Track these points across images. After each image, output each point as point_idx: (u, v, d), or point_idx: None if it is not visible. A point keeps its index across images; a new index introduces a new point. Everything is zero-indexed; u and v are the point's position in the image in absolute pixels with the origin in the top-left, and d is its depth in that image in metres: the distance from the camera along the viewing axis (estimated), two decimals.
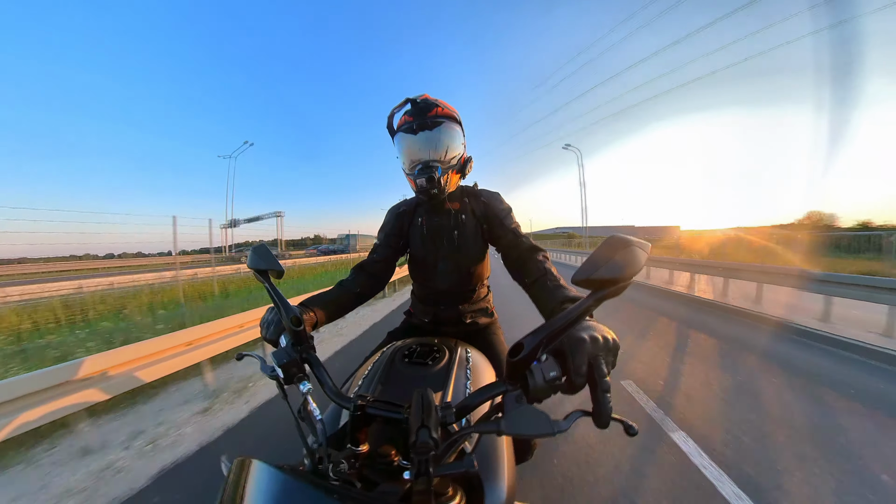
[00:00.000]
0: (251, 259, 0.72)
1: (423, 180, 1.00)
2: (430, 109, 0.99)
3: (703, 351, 3.68)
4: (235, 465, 0.48)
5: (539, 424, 0.45)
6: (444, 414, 0.54)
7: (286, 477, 0.45)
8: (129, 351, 2.41)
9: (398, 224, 1.21)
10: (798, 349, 3.74)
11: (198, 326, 3.03)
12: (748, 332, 4.41)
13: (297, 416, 0.63)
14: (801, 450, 1.94)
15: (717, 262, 7.26)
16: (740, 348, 3.74)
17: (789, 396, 2.61)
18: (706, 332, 4.36)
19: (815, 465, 1.82)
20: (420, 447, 0.47)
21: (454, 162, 1.06)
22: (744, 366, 3.23)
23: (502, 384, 0.53)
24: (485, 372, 0.95)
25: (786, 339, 4.08)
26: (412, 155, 1.03)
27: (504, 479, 0.64)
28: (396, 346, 1.02)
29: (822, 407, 2.45)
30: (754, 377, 2.96)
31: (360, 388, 0.85)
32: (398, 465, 0.58)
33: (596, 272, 0.44)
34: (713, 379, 2.91)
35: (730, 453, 1.90)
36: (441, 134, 1.00)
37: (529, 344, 0.48)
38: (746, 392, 2.67)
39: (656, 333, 4.37)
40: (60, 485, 1.88)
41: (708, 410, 2.39)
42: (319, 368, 0.69)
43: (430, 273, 1.21)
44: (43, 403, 1.96)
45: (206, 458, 2.08)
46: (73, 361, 2.14)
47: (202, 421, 2.53)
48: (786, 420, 2.27)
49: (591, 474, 1.76)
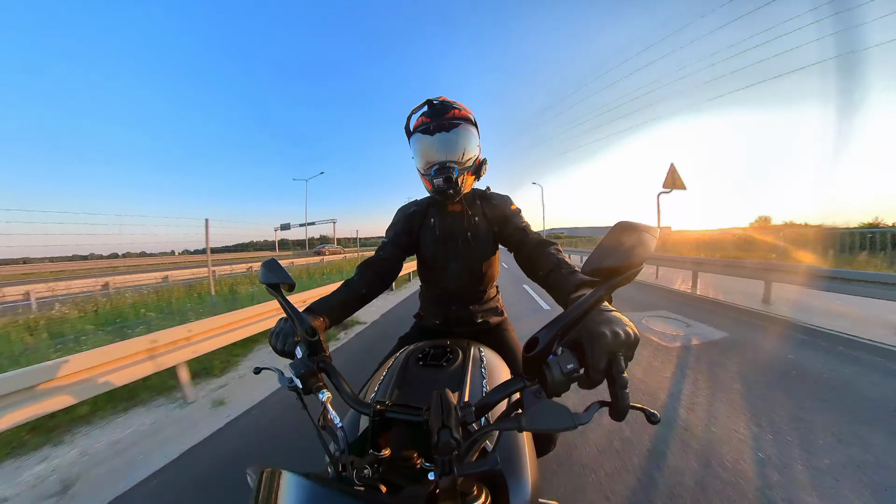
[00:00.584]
0: (262, 274, 0.73)
1: (441, 180, 1.02)
2: (447, 111, 1.01)
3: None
4: (262, 477, 0.49)
5: (560, 418, 0.45)
6: (463, 413, 0.54)
7: (313, 485, 0.45)
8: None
9: (408, 224, 1.21)
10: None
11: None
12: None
13: (318, 426, 0.64)
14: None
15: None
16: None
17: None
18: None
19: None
20: (443, 447, 0.47)
21: (470, 163, 1.08)
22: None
23: (520, 380, 0.53)
24: (499, 370, 0.95)
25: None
26: (429, 156, 1.05)
27: (527, 474, 0.64)
28: (409, 349, 1.02)
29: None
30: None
31: (377, 394, 0.85)
32: (421, 467, 0.58)
33: (605, 261, 0.44)
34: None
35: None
36: (458, 136, 1.02)
37: (545, 338, 0.48)
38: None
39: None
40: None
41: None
42: (337, 377, 0.69)
43: (440, 274, 1.21)
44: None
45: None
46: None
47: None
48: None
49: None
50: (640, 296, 6.39)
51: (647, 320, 4.45)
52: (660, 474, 1.65)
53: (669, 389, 2.53)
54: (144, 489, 1.77)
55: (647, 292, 6.75)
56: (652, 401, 2.40)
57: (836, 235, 9.13)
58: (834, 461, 1.69)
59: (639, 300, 5.98)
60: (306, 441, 2.05)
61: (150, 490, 1.76)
